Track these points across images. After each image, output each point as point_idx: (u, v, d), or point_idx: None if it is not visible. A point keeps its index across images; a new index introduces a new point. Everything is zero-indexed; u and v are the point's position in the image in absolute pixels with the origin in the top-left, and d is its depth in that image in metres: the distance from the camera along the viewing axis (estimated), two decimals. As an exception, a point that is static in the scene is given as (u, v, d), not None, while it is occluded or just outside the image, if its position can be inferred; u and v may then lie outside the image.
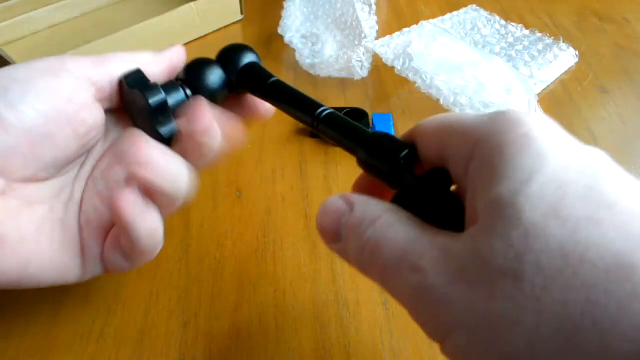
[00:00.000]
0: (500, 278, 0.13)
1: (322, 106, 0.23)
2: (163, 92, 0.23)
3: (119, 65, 0.22)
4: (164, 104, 0.22)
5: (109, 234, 0.23)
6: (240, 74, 0.26)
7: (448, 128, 0.17)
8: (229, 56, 0.26)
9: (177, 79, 0.25)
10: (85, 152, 0.23)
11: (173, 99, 0.23)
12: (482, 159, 0.15)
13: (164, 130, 0.23)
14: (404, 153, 0.19)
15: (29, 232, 0.20)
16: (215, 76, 0.25)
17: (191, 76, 0.25)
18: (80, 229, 0.22)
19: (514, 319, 0.12)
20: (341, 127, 0.22)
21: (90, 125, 0.21)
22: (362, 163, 0.21)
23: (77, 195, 0.23)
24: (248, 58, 0.26)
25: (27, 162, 0.20)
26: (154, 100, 0.22)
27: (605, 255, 0.12)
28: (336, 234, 0.18)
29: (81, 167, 0.24)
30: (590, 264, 0.12)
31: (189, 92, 0.24)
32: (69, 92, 0.20)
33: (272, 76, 0.25)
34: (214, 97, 0.25)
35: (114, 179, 0.22)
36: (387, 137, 0.21)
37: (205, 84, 0.25)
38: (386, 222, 0.16)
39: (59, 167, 0.21)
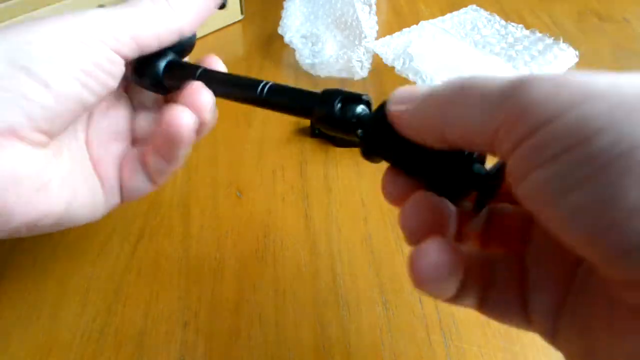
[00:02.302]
0: None
1: (262, 82, 0.24)
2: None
3: (155, 27, 0.23)
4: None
5: (121, 164, 0.26)
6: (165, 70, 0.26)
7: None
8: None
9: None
10: None
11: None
12: None
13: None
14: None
15: (66, 176, 0.22)
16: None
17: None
18: (95, 165, 0.25)
19: None
20: (289, 94, 0.23)
21: (113, 87, 0.23)
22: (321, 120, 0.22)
23: (81, 138, 0.25)
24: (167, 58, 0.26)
25: (65, 121, 0.22)
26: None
27: None
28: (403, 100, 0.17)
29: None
30: None
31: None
32: (101, 61, 0.21)
33: (198, 67, 0.26)
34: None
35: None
36: (337, 92, 0.21)
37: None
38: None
39: (78, 119, 0.24)
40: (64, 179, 0.22)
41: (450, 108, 0.16)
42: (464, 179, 0.18)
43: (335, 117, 0.21)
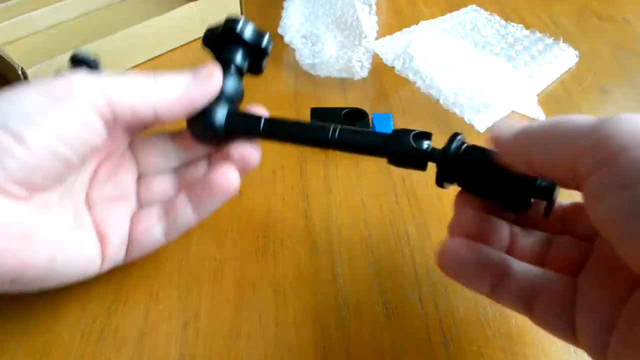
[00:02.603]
0: None
1: (330, 127, 0.26)
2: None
3: (131, 96, 0.23)
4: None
5: (135, 221, 0.26)
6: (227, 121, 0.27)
7: None
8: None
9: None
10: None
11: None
12: None
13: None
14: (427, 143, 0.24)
15: (51, 230, 0.23)
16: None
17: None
18: (97, 222, 0.25)
19: None
20: (360, 136, 0.25)
21: (97, 146, 0.23)
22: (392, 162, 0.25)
23: (81, 196, 0.26)
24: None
25: (45, 176, 0.22)
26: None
27: None
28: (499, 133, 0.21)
29: (77, 172, 0.26)
30: None
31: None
32: (81, 119, 0.22)
33: (259, 117, 0.27)
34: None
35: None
36: (403, 133, 0.24)
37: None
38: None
39: (65, 177, 0.24)
40: (50, 234, 0.22)
41: (541, 140, 0.19)
42: (531, 192, 0.21)
43: (412, 152, 0.24)
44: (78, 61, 0.29)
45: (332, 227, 0.32)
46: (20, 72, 0.38)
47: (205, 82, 0.25)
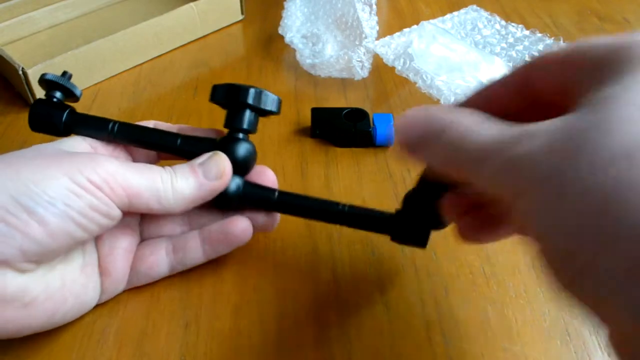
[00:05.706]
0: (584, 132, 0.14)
1: (338, 203, 0.28)
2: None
3: (149, 196, 0.24)
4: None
5: (142, 254, 0.27)
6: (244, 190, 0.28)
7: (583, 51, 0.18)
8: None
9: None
10: None
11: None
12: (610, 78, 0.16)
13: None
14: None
15: (53, 290, 0.23)
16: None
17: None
18: (103, 257, 0.26)
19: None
20: (363, 219, 0.28)
21: (106, 228, 0.24)
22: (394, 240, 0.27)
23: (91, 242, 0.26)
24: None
25: (57, 254, 0.23)
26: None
27: None
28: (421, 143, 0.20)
29: None
30: None
31: None
32: (96, 206, 0.23)
33: (274, 190, 0.28)
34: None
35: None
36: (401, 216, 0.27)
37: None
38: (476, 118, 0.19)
39: (73, 249, 0.25)
40: (51, 294, 0.23)
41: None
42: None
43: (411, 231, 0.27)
44: (48, 82, 0.29)
45: (332, 227, 0.32)
46: (20, 72, 0.38)
47: (214, 182, 0.26)
